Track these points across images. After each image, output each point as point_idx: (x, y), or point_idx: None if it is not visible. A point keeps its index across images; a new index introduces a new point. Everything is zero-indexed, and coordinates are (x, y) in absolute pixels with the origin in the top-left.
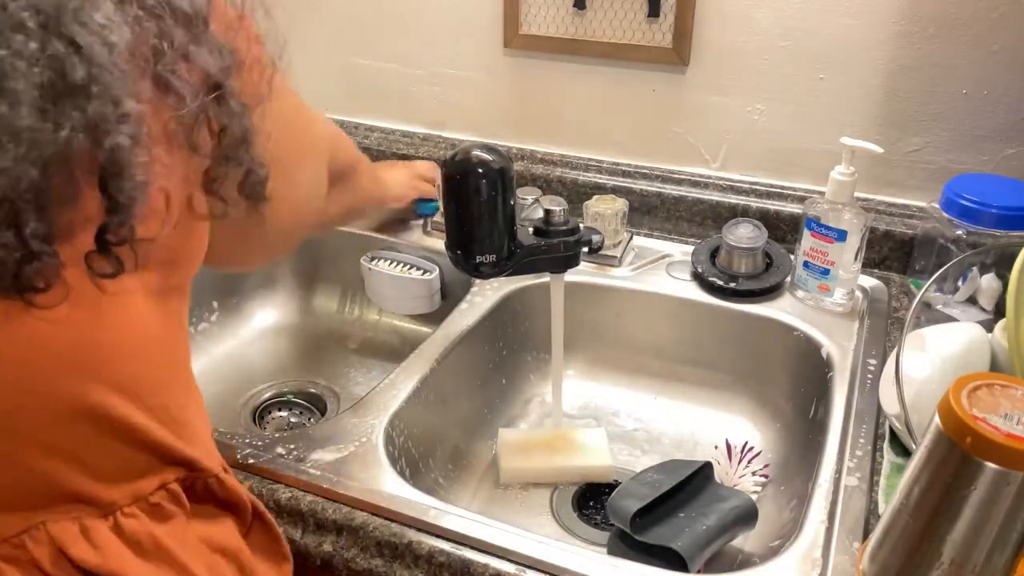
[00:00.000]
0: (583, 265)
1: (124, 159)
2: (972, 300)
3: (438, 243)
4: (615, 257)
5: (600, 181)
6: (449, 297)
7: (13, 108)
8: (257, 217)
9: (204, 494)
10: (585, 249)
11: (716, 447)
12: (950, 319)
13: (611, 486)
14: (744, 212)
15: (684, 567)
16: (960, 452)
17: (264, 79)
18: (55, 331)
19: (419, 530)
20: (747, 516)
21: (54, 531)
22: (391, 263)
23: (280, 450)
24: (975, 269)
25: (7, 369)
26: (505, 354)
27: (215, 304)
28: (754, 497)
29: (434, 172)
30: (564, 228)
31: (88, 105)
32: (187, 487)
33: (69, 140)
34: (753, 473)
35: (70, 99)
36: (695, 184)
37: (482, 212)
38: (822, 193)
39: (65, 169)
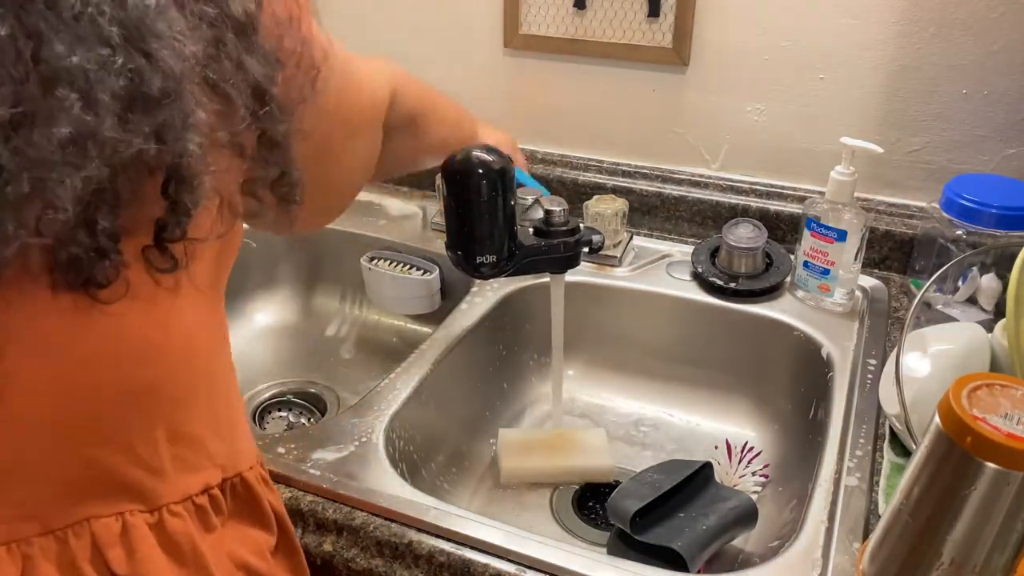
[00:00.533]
0: (583, 265)
1: (192, 166)
2: (972, 300)
3: (438, 243)
4: (615, 257)
5: (600, 181)
6: (449, 297)
7: (99, 117)
8: (314, 186)
9: (235, 494)
10: (585, 249)
11: (716, 447)
12: (950, 319)
13: (611, 486)
14: (744, 212)
15: (684, 567)
16: (960, 452)
17: (308, 80)
18: (118, 323)
19: (419, 530)
20: (747, 516)
21: (96, 528)
22: (391, 263)
23: (280, 450)
24: (975, 269)
25: (74, 364)
26: (505, 354)
27: None
28: (754, 497)
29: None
30: (564, 228)
31: (161, 115)
32: (223, 490)
33: (143, 148)
34: (753, 473)
35: (145, 109)
36: (695, 184)
37: (482, 212)
38: (822, 193)
39: (135, 173)
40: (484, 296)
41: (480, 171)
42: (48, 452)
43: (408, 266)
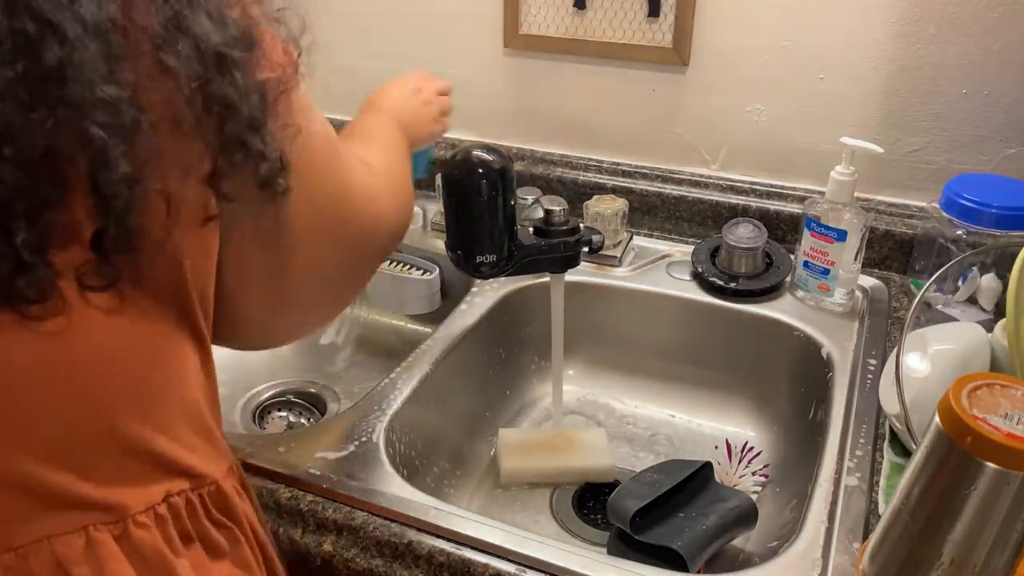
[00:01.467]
0: (583, 265)
1: (109, 148)
2: (972, 300)
3: (438, 243)
4: (615, 257)
5: (600, 181)
6: (449, 297)
7: None
8: (287, 245)
9: (205, 508)
10: (585, 249)
11: (716, 447)
12: (950, 319)
13: (611, 486)
14: (744, 212)
15: (684, 567)
16: (960, 452)
17: (290, 61)
18: (54, 342)
19: (419, 530)
20: (747, 516)
21: (57, 547)
22: (391, 263)
23: (280, 450)
24: (975, 269)
25: (8, 384)
26: (505, 354)
27: None
28: (754, 497)
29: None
30: (564, 228)
31: (65, 90)
32: (188, 502)
33: (53, 133)
34: (753, 473)
35: (45, 85)
36: (695, 184)
37: (482, 212)
38: (822, 193)
39: (54, 167)
40: (484, 296)
41: (480, 171)
42: None
43: (408, 266)
